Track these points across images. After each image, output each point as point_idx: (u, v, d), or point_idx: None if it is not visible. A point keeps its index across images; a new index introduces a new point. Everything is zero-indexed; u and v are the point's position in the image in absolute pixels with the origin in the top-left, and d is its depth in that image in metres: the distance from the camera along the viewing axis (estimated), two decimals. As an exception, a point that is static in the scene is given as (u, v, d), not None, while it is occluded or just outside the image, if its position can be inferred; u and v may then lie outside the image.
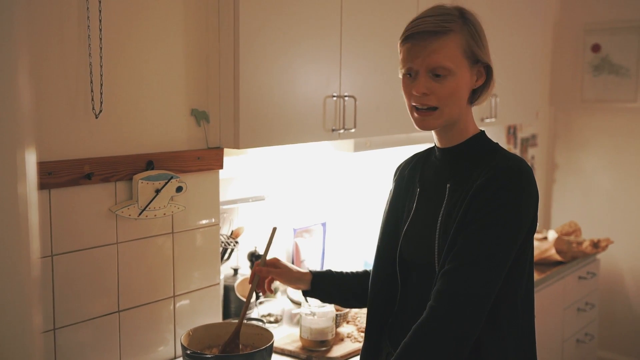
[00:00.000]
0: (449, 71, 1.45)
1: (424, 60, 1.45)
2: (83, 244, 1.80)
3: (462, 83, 1.48)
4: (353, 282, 1.79)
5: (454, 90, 1.47)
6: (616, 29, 4.09)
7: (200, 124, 2.06)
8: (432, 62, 1.45)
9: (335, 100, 2.29)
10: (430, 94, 1.47)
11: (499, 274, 1.43)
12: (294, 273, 1.77)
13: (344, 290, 1.79)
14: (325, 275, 1.79)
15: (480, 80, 1.52)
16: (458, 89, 1.48)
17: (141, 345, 1.97)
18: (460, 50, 1.46)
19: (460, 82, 1.47)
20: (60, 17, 1.69)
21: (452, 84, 1.46)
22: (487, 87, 1.54)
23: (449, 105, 1.48)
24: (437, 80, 1.46)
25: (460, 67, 1.47)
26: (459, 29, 1.47)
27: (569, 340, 3.42)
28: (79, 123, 1.76)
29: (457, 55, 1.46)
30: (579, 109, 4.30)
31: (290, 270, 1.77)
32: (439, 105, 1.47)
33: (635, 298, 4.15)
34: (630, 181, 4.13)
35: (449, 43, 1.45)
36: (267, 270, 1.76)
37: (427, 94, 1.47)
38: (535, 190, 1.48)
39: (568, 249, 3.35)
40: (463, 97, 1.50)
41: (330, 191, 2.94)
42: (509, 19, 3.21)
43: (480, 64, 1.51)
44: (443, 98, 1.47)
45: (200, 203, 2.08)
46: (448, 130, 1.54)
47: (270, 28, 2.05)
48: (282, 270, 1.77)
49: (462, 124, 1.54)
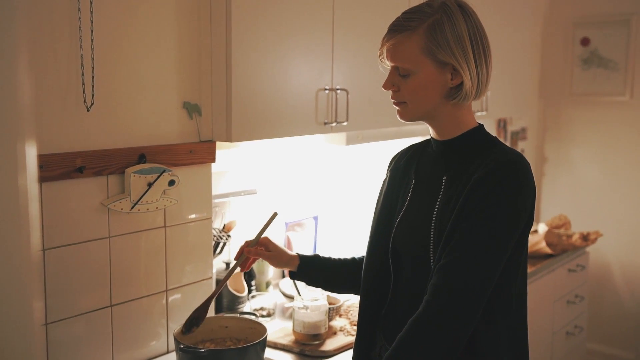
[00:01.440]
0: (408, 70, 1.47)
1: (390, 57, 1.50)
2: (75, 237, 1.78)
3: (427, 81, 1.47)
4: (339, 268, 1.80)
5: (417, 87, 1.48)
6: (605, 23, 4.11)
7: (193, 117, 2.05)
8: (393, 60, 1.50)
9: (328, 93, 2.28)
10: (397, 89, 1.51)
11: (496, 268, 1.43)
12: (283, 257, 1.77)
13: (329, 275, 1.80)
14: (312, 259, 1.79)
15: (456, 80, 1.47)
16: (421, 86, 1.47)
17: (134, 339, 1.96)
18: (418, 49, 1.45)
19: (423, 81, 1.47)
20: (51, 10, 1.67)
21: (414, 82, 1.48)
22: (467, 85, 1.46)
23: (415, 102, 1.50)
24: (402, 77, 1.49)
25: (421, 66, 1.46)
26: (423, 28, 1.44)
27: (559, 332, 3.44)
28: (70, 116, 1.74)
29: (415, 55, 1.46)
30: (568, 102, 4.32)
31: (279, 254, 1.77)
32: (406, 100, 1.51)
33: (624, 290, 4.18)
34: (619, 174, 4.16)
35: (407, 42, 1.46)
36: (256, 252, 1.75)
37: (395, 90, 1.51)
38: (532, 184, 1.48)
39: (558, 242, 3.36)
40: (431, 95, 1.48)
41: (322, 184, 2.93)
42: (499, 13, 3.22)
43: (451, 65, 1.45)
44: (407, 94, 1.50)
45: (192, 197, 2.07)
46: (437, 124, 1.54)
47: (262, 21, 2.04)
48: (273, 253, 1.77)
49: (453, 119, 1.52)
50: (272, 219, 1.82)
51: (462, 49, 1.44)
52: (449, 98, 1.49)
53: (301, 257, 1.78)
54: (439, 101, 1.49)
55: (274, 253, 1.77)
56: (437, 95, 1.48)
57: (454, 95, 1.48)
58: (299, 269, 1.77)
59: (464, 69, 1.45)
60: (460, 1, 1.49)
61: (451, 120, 1.52)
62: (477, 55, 1.46)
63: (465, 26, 1.45)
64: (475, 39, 1.46)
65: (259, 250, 1.76)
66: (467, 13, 1.47)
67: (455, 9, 1.46)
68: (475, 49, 1.46)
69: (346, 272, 1.79)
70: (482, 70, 1.48)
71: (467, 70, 1.45)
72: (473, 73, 1.46)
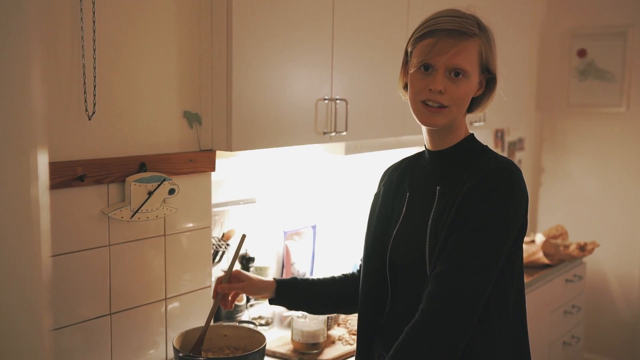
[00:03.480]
0: (466, 73, 1.48)
1: (449, 58, 1.46)
2: (75, 246, 1.79)
3: (472, 88, 1.51)
4: (319, 289, 1.79)
5: (466, 93, 1.50)
6: (602, 35, 4.14)
7: (193, 126, 2.06)
8: (455, 62, 1.46)
9: (327, 103, 2.29)
10: (445, 92, 1.48)
11: (490, 276, 1.44)
12: (257, 283, 1.76)
13: (309, 297, 1.79)
14: (289, 282, 1.78)
15: (480, 90, 1.54)
16: (469, 92, 1.51)
17: (132, 347, 1.96)
18: (477, 55, 1.49)
19: (471, 87, 1.51)
20: (53, 19, 1.69)
21: (466, 86, 1.49)
22: (486, 97, 1.57)
23: (457, 106, 1.50)
24: (453, 80, 1.47)
25: (475, 72, 1.50)
26: (480, 36, 1.50)
27: (556, 343, 3.45)
28: (71, 125, 1.75)
29: (475, 60, 1.49)
30: (565, 113, 4.34)
31: (252, 282, 1.76)
32: (449, 105, 1.48)
33: (621, 301, 4.19)
34: (615, 185, 4.18)
35: (473, 46, 1.48)
36: (229, 287, 1.74)
37: (442, 92, 1.47)
38: (525, 192, 1.49)
39: (555, 252, 3.38)
40: (468, 102, 1.53)
41: (321, 194, 2.94)
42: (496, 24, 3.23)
43: (485, 75, 1.53)
44: (455, 98, 1.48)
45: (192, 205, 2.08)
46: (443, 133, 1.55)
47: (262, 31, 2.06)
48: (245, 283, 1.75)
49: (457, 128, 1.55)
50: (241, 243, 1.80)
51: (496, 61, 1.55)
52: None
53: (278, 282, 1.77)
54: (465, 110, 1.54)
55: (245, 283, 1.75)
56: (469, 103, 1.54)
57: (470, 105, 1.56)
58: (276, 294, 1.76)
59: (498, 81, 1.55)
60: None
61: (454, 129, 1.55)
62: None
63: None
64: None
65: (233, 285, 1.75)
66: None
67: (481, 21, 1.55)
68: None
69: (326, 292, 1.78)
70: None
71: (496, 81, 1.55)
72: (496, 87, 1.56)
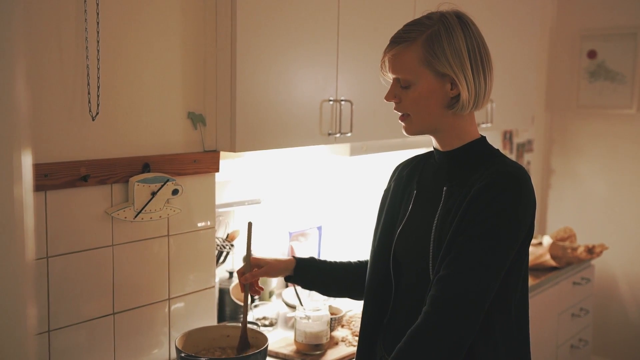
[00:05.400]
0: (408, 81, 1.49)
1: (390, 69, 1.52)
2: (79, 246, 1.80)
3: (427, 92, 1.48)
4: (336, 270, 1.81)
5: (418, 98, 1.49)
6: (612, 36, 4.11)
7: (197, 127, 2.06)
8: (394, 72, 1.51)
9: (332, 104, 2.29)
10: (399, 101, 1.52)
11: (495, 281, 1.43)
12: (277, 265, 1.78)
13: (326, 278, 1.80)
14: (308, 261, 1.80)
15: (455, 90, 1.48)
16: (422, 97, 1.49)
17: (136, 347, 1.97)
18: (417, 60, 1.47)
19: (423, 91, 1.48)
20: (58, 20, 1.70)
21: (414, 93, 1.49)
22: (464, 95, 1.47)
23: (417, 113, 1.51)
24: (404, 89, 1.51)
25: (420, 77, 1.48)
26: (422, 39, 1.46)
27: (563, 345, 3.43)
28: (75, 125, 1.76)
29: (414, 66, 1.47)
30: (575, 114, 4.32)
31: (272, 265, 1.78)
32: (409, 112, 1.52)
33: (630, 304, 4.16)
34: (625, 187, 4.15)
35: (406, 53, 1.48)
36: (253, 275, 1.76)
37: (397, 102, 1.53)
38: (533, 197, 1.48)
39: (563, 255, 3.36)
40: (432, 105, 1.49)
41: (326, 195, 2.94)
42: (506, 25, 3.23)
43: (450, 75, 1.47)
44: (409, 106, 1.51)
45: (196, 206, 2.09)
46: (440, 135, 1.55)
47: (267, 32, 2.06)
48: (267, 268, 1.77)
49: (456, 130, 1.53)
50: (249, 231, 1.81)
51: (459, 60, 1.46)
52: (449, 108, 1.50)
53: (297, 260, 1.79)
54: (441, 112, 1.50)
55: (267, 268, 1.77)
56: (438, 105, 1.50)
57: (453, 105, 1.50)
58: (295, 271, 1.78)
59: (460, 80, 1.46)
60: (460, 13, 1.51)
61: (454, 131, 1.53)
62: (474, 66, 1.47)
63: (464, 37, 1.47)
64: (473, 50, 1.47)
65: (254, 272, 1.76)
66: (466, 24, 1.49)
67: (454, 21, 1.47)
68: (473, 60, 1.47)
69: (343, 275, 1.80)
70: (481, 81, 1.49)
71: (464, 81, 1.47)
72: (470, 84, 1.47)
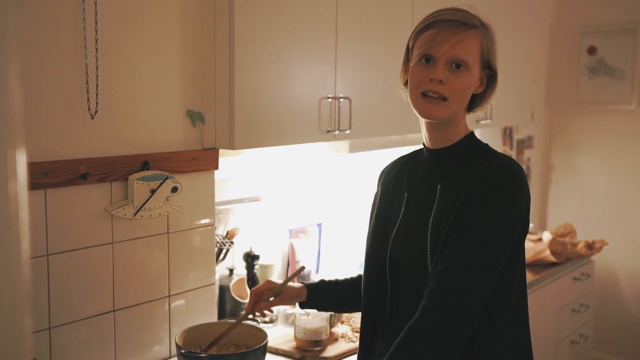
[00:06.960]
0: (467, 65, 1.47)
1: (450, 48, 1.46)
2: (78, 243, 1.81)
3: (473, 82, 1.51)
4: (347, 289, 1.82)
5: (466, 85, 1.49)
6: (612, 32, 4.11)
7: (196, 125, 2.07)
8: (456, 53, 1.46)
9: (331, 101, 2.30)
10: (445, 83, 1.47)
11: (492, 274, 1.43)
12: (291, 294, 1.80)
13: (339, 298, 1.82)
14: (318, 286, 1.82)
15: (481, 87, 1.54)
16: (469, 85, 1.50)
17: (136, 344, 1.98)
18: (479, 49, 1.49)
19: (472, 80, 1.50)
20: (56, 19, 1.70)
21: (467, 78, 1.48)
22: (487, 95, 1.57)
23: (457, 99, 1.49)
24: (454, 72, 1.47)
25: (475, 65, 1.49)
26: (483, 30, 1.51)
27: (564, 341, 3.43)
28: (74, 123, 1.77)
29: (476, 53, 1.49)
30: (574, 110, 4.32)
31: (286, 295, 1.80)
32: (449, 97, 1.47)
33: (630, 299, 4.16)
34: (625, 183, 4.15)
35: (474, 38, 1.48)
36: (268, 306, 1.79)
37: (442, 83, 1.47)
38: (527, 189, 1.49)
39: (563, 250, 3.36)
40: (468, 96, 1.52)
41: (326, 192, 2.95)
42: (505, 21, 3.23)
43: (486, 72, 1.53)
44: (455, 90, 1.48)
45: (195, 203, 2.09)
46: (443, 129, 1.54)
47: (265, 29, 2.06)
48: (281, 297, 1.80)
49: (457, 125, 1.55)
50: (298, 272, 1.87)
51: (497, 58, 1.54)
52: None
53: (308, 287, 1.81)
54: (465, 105, 1.54)
55: (282, 297, 1.80)
56: (469, 98, 1.53)
57: (471, 103, 1.56)
58: (308, 298, 1.80)
59: (491, 78, 1.54)
60: None
61: (458, 125, 1.55)
62: None
63: None
64: None
65: (271, 303, 1.80)
66: None
67: (483, 19, 1.54)
68: None
69: (354, 292, 1.79)
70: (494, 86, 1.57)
71: (493, 81, 1.54)
72: (492, 85, 1.55)
